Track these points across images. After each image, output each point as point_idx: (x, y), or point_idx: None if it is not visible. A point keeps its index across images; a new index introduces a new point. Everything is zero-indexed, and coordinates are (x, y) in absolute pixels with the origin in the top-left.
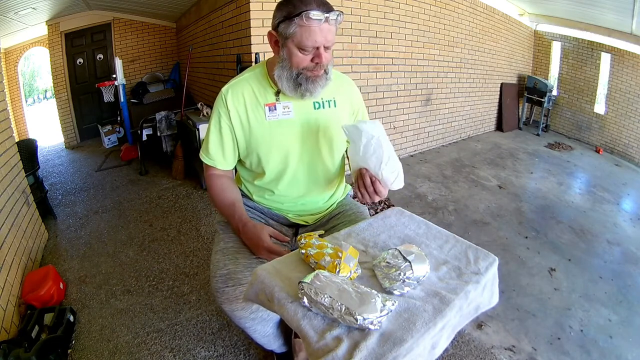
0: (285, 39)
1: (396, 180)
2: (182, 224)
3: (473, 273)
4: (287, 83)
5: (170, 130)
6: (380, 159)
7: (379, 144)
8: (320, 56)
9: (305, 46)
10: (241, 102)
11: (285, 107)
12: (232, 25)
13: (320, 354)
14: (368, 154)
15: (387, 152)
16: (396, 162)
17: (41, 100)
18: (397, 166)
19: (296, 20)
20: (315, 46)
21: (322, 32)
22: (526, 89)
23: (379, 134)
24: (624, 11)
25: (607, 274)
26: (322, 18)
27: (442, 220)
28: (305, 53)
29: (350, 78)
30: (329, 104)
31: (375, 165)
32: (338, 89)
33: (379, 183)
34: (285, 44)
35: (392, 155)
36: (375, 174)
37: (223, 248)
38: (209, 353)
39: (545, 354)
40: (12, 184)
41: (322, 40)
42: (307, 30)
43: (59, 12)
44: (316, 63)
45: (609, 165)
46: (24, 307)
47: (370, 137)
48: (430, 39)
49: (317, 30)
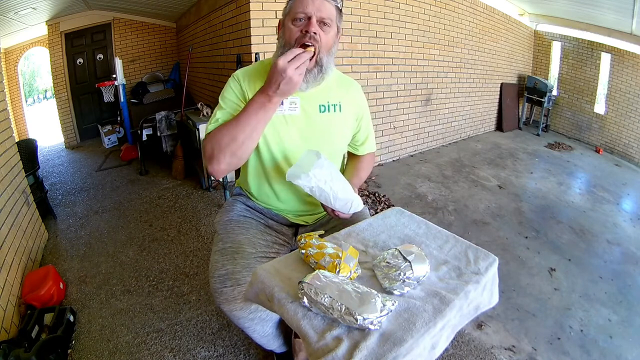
0: (284, 19)
1: (352, 207)
2: (182, 224)
3: (473, 273)
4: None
5: (170, 130)
6: (328, 199)
7: (321, 190)
8: (310, 24)
9: (297, 15)
10: (252, 86)
11: (292, 103)
12: (232, 25)
13: (320, 354)
14: (316, 196)
15: (331, 193)
16: (345, 194)
17: (41, 100)
18: (348, 197)
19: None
20: (305, 13)
21: (314, 2)
22: (526, 89)
23: (317, 182)
24: (624, 11)
25: (607, 274)
26: None
27: (442, 220)
28: (297, 24)
29: (356, 82)
30: (335, 108)
31: (327, 203)
32: (344, 92)
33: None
34: (284, 24)
35: (340, 190)
36: (331, 207)
37: (222, 248)
38: (209, 353)
39: (545, 354)
40: (12, 184)
41: (312, 9)
42: (299, 1)
43: (59, 12)
44: (305, 31)
45: (609, 165)
46: (24, 307)
47: (310, 187)
48: (430, 39)
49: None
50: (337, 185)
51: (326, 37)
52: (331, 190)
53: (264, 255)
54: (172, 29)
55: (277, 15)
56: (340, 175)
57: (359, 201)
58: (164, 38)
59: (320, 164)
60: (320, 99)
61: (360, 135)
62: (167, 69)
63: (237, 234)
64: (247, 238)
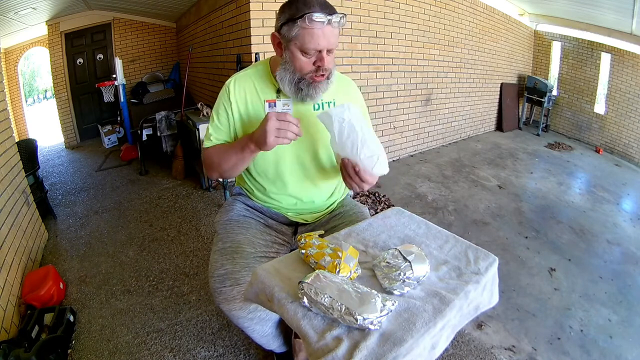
0: (288, 42)
1: (377, 164)
2: (182, 224)
3: (473, 273)
4: (289, 86)
5: (170, 130)
6: (355, 143)
7: (352, 127)
8: (323, 60)
9: (308, 49)
10: (242, 95)
11: (285, 105)
12: (232, 25)
13: (320, 354)
14: (342, 139)
15: (361, 135)
16: (374, 145)
17: (41, 100)
18: (376, 150)
19: (299, 22)
20: (317, 49)
21: (324, 35)
22: (526, 89)
23: (350, 117)
24: (624, 11)
25: (607, 274)
26: (325, 20)
27: (442, 220)
28: (307, 56)
29: (351, 79)
30: (329, 105)
31: (351, 151)
32: (338, 90)
33: (363, 171)
34: (288, 47)
35: (369, 138)
36: (353, 160)
37: (221, 248)
38: (209, 353)
39: (545, 354)
40: (12, 184)
41: (325, 43)
42: (309, 33)
43: (59, 12)
44: (318, 67)
45: (609, 165)
46: (24, 307)
47: (341, 120)
48: (430, 39)
49: (319, 33)
50: (367, 131)
51: (332, 58)
52: (361, 131)
53: (263, 255)
54: (172, 29)
55: None
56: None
57: (384, 159)
58: (164, 38)
59: (353, 104)
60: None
61: None
62: (167, 69)
63: (236, 233)
64: (247, 238)
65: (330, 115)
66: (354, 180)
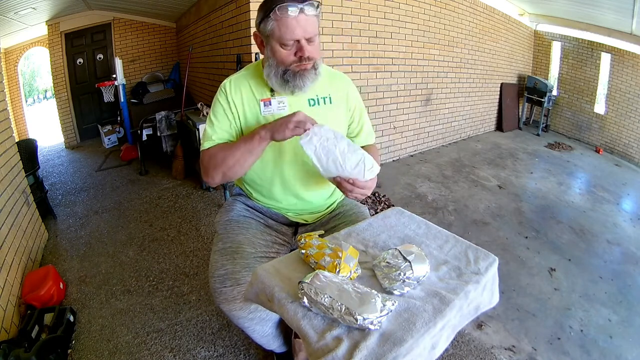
0: (267, 37)
1: (366, 169)
2: (182, 224)
3: (473, 273)
4: (276, 81)
5: (170, 130)
6: (336, 160)
7: (325, 148)
8: (302, 49)
9: (285, 40)
10: (239, 96)
11: (280, 103)
12: (232, 25)
13: (320, 354)
14: (324, 163)
15: (338, 150)
16: (354, 152)
17: (41, 100)
18: (358, 156)
19: (272, 15)
20: (294, 39)
21: (299, 24)
22: (526, 89)
23: (320, 141)
24: (624, 11)
25: (607, 274)
26: (297, 9)
27: (442, 220)
28: (287, 48)
29: (344, 74)
30: (325, 100)
31: (337, 169)
32: (332, 85)
33: (358, 182)
34: (268, 42)
35: (347, 148)
36: (344, 176)
37: (221, 248)
38: (209, 353)
39: (545, 354)
40: (12, 184)
41: (301, 32)
42: (284, 24)
43: (59, 12)
44: (300, 57)
45: (609, 165)
46: (24, 307)
47: (313, 148)
48: (430, 39)
49: (294, 23)
50: (342, 143)
51: (315, 47)
52: (336, 146)
53: (263, 255)
54: (172, 29)
55: None
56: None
57: (370, 159)
58: (164, 38)
59: (319, 125)
60: (308, 94)
61: (354, 126)
62: (167, 69)
63: (236, 233)
64: (247, 238)
65: (302, 145)
66: (354, 192)
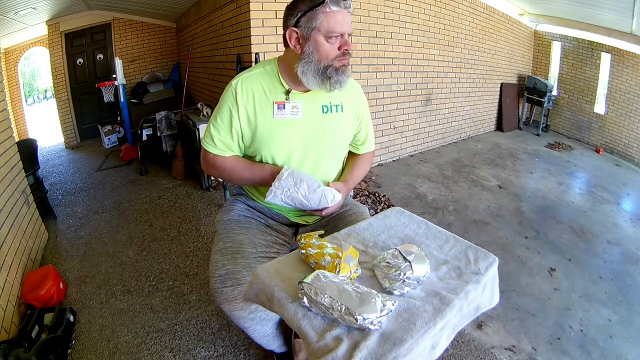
0: (311, 31)
1: (329, 202)
2: (182, 224)
3: (473, 273)
4: (315, 77)
5: (170, 130)
6: (301, 200)
7: (288, 196)
8: (347, 43)
9: (334, 33)
10: (250, 97)
11: (294, 107)
12: (232, 25)
13: (320, 354)
14: (292, 205)
15: (299, 191)
16: (315, 193)
17: (41, 100)
18: (319, 195)
19: (320, 9)
20: (342, 32)
21: (345, 20)
22: (526, 89)
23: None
24: (624, 11)
25: (607, 274)
26: (342, 5)
27: (442, 220)
28: (332, 42)
29: (355, 81)
30: (337, 108)
31: (305, 207)
32: (347, 94)
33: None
34: (311, 37)
35: (307, 191)
36: (315, 208)
37: (222, 248)
38: (209, 353)
39: (545, 354)
40: (12, 184)
41: (347, 27)
42: (333, 18)
43: (59, 12)
44: (345, 50)
45: (609, 165)
46: (24, 307)
47: (280, 200)
48: (430, 39)
49: (341, 17)
50: (303, 187)
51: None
52: (298, 193)
53: (264, 255)
54: (172, 29)
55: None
56: (301, 174)
57: (330, 192)
58: (164, 38)
59: (278, 177)
60: (322, 100)
61: (361, 134)
62: (167, 69)
63: (237, 233)
64: (248, 238)
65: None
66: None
